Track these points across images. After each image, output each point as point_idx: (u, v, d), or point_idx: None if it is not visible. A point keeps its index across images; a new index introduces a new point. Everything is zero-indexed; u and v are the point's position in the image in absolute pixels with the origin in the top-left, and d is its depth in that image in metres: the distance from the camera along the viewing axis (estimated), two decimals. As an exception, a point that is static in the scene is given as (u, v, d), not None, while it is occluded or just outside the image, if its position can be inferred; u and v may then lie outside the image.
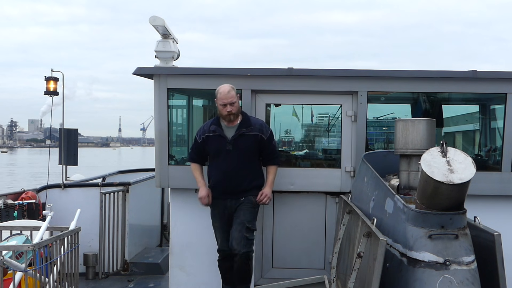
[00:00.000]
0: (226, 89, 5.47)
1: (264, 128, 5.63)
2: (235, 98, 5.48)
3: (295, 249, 6.30)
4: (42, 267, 4.58)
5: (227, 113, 5.46)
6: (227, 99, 5.44)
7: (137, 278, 7.57)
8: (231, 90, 5.48)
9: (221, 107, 5.49)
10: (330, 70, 6.21)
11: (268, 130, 5.68)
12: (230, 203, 5.56)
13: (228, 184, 5.54)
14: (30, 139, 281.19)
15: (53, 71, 8.92)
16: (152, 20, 6.15)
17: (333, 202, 6.25)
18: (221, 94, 5.47)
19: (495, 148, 6.51)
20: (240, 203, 5.54)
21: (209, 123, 5.66)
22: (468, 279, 3.17)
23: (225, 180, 5.55)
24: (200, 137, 5.65)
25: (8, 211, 7.26)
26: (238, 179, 5.53)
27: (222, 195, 5.59)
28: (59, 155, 8.81)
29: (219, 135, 5.55)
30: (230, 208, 5.57)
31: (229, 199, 5.56)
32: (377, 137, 7.55)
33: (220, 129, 5.56)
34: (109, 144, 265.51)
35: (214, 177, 5.63)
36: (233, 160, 5.50)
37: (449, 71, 6.12)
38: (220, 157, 5.55)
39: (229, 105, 5.44)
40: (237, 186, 5.54)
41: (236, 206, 5.55)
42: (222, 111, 5.49)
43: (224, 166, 5.54)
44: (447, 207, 3.27)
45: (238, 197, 5.55)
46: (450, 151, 3.29)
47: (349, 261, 4.21)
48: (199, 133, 5.68)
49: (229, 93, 5.46)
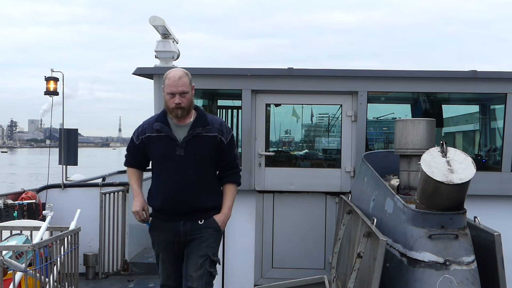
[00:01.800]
0: (177, 74, 4.02)
1: (225, 129, 4.21)
2: (187, 87, 4.03)
3: (295, 249, 6.30)
4: (42, 267, 4.57)
5: (175, 106, 4.01)
6: (177, 87, 3.98)
7: (137, 278, 7.56)
8: (184, 76, 4.04)
9: (167, 97, 4.03)
10: (330, 70, 6.22)
11: (229, 132, 4.25)
12: (184, 228, 4.06)
13: (180, 201, 4.04)
14: (30, 139, 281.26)
15: (53, 71, 8.91)
16: (152, 20, 6.16)
17: (333, 202, 6.25)
18: (169, 80, 4.02)
19: (495, 148, 6.51)
20: (199, 228, 4.08)
21: (153, 120, 4.21)
22: (468, 279, 3.17)
23: (177, 196, 4.04)
24: (138, 138, 4.22)
25: (8, 211, 7.25)
26: (194, 195, 4.05)
27: (172, 217, 4.09)
28: (59, 155, 8.81)
29: (166, 135, 4.09)
30: (184, 233, 4.07)
31: (182, 222, 4.07)
32: (377, 137, 7.55)
33: (168, 127, 4.10)
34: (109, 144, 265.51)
35: (162, 192, 4.10)
36: (187, 169, 4.04)
37: (449, 71, 6.13)
38: (169, 165, 4.08)
39: (179, 96, 3.99)
40: (194, 204, 4.06)
41: (192, 232, 4.07)
42: (168, 103, 4.04)
43: (174, 177, 4.06)
44: (447, 207, 3.27)
45: (195, 219, 4.08)
46: (450, 151, 3.29)
47: (349, 261, 4.21)
48: (137, 132, 4.26)
49: (180, 79, 4.00)
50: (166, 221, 4.11)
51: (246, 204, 6.11)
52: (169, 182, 4.07)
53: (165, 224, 4.12)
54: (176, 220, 4.08)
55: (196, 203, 4.07)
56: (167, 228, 4.11)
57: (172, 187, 4.05)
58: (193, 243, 4.08)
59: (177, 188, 4.05)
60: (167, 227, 4.11)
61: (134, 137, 4.28)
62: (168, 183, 4.07)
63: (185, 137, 4.07)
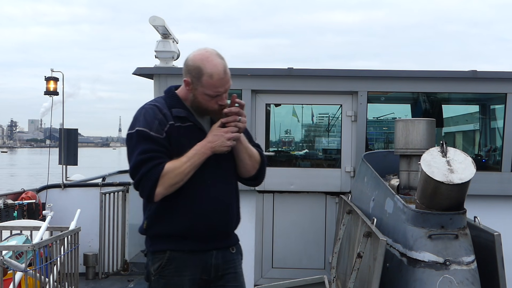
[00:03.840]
0: (220, 66, 2.80)
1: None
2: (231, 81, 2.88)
3: (295, 249, 6.30)
4: (42, 267, 4.57)
5: (219, 108, 2.83)
6: (224, 85, 2.81)
7: (137, 278, 7.56)
8: (226, 65, 2.86)
9: (206, 98, 2.80)
10: (330, 70, 6.22)
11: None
12: (216, 261, 2.84)
13: (222, 220, 2.86)
14: (30, 139, 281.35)
15: (53, 71, 8.92)
16: (152, 20, 6.16)
17: (333, 202, 6.26)
18: (212, 79, 2.76)
19: (495, 148, 6.51)
20: (231, 260, 2.91)
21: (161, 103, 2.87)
22: (468, 279, 3.17)
23: (217, 213, 2.82)
24: (161, 128, 2.75)
25: (8, 211, 7.25)
26: (233, 209, 2.94)
27: (202, 245, 2.81)
28: (59, 155, 8.81)
29: (194, 125, 2.85)
30: (215, 269, 2.85)
31: (214, 253, 2.84)
32: (377, 137, 7.55)
33: (192, 115, 2.87)
34: (109, 144, 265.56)
35: (192, 208, 2.79)
36: (223, 172, 2.90)
37: (449, 71, 6.14)
38: (200, 170, 2.78)
39: (224, 95, 2.85)
40: (233, 223, 2.95)
41: (224, 266, 2.87)
42: (208, 104, 2.82)
43: (211, 183, 2.83)
44: (447, 207, 3.27)
45: (228, 247, 2.92)
46: (450, 151, 3.29)
47: (349, 261, 4.21)
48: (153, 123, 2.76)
49: (226, 73, 2.82)
50: (193, 253, 2.80)
51: (246, 204, 6.08)
52: (204, 192, 2.81)
53: (191, 259, 2.80)
54: (206, 249, 2.83)
55: (235, 221, 2.95)
56: (193, 264, 2.80)
57: (211, 199, 2.81)
58: (223, 282, 2.89)
59: (217, 199, 2.83)
60: (194, 262, 2.81)
61: (151, 132, 2.74)
62: (202, 193, 2.81)
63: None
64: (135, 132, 2.77)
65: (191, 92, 2.86)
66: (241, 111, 2.87)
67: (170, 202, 2.79)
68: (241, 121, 2.86)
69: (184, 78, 2.87)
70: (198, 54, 2.85)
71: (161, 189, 2.71)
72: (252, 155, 2.97)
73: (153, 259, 2.86)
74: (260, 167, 3.03)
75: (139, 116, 2.83)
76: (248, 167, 2.98)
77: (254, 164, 2.99)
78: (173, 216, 2.81)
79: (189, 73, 2.84)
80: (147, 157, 2.71)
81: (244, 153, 2.94)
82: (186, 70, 2.86)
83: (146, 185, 2.71)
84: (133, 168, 2.75)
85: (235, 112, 2.84)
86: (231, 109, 2.84)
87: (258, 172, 3.03)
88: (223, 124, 2.83)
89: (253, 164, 2.98)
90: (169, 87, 2.99)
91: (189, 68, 2.84)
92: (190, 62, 2.84)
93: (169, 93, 2.96)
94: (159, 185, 2.70)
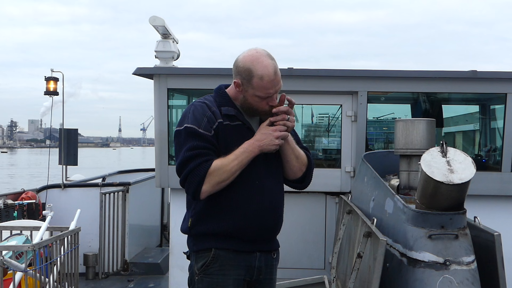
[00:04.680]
0: (270, 67, 2.77)
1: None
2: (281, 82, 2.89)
3: (295, 249, 6.30)
4: (42, 267, 4.57)
5: (269, 109, 2.85)
6: (275, 86, 2.82)
7: (137, 278, 7.57)
8: (277, 65, 2.84)
9: (256, 100, 2.81)
10: (330, 70, 6.22)
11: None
12: (259, 263, 2.87)
13: (265, 221, 2.85)
14: (30, 139, 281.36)
15: (53, 71, 8.93)
16: (152, 20, 6.15)
17: (333, 202, 6.25)
18: (262, 80, 2.75)
19: (495, 148, 6.51)
20: (271, 265, 2.98)
21: (210, 101, 2.87)
22: (468, 279, 3.17)
23: (266, 212, 2.84)
24: (210, 127, 2.76)
25: (8, 211, 7.26)
26: (281, 211, 2.96)
27: (248, 246, 2.82)
28: (59, 155, 8.82)
29: (243, 124, 2.85)
30: (258, 272, 2.88)
31: (258, 254, 2.87)
32: (377, 137, 7.55)
33: (241, 114, 2.88)
34: (109, 144, 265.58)
35: (240, 206, 2.79)
36: (271, 172, 2.89)
37: (449, 71, 6.13)
38: (248, 169, 2.78)
39: (274, 95, 2.87)
40: (276, 225, 2.96)
41: (265, 270, 2.91)
42: (258, 105, 2.83)
43: (260, 183, 2.83)
44: (447, 207, 3.27)
45: (270, 251, 2.98)
46: (450, 151, 3.29)
47: (349, 261, 4.21)
48: (201, 121, 2.76)
49: (276, 74, 2.80)
50: (237, 253, 2.78)
51: None
52: (253, 191, 2.78)
53: (236, 258, 2.78)
54: (250, 251, 2.82)
55: (280, 224, 2.95)
56: (238, 264, 2.78)
57: (259, 203, 2.79)
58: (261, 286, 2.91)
59: (265, 201, 2.81)
60: (238, 261, 2.78)
61: (199, 129, 2.72)
62: (252, 192, 2.78)
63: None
64: (183, 129, 2.74)
65: (241, 94, 2.83)
66: (290, 110, 2.89)
67: (217, 201, 2.76)
68: (290, 120, 2.87)
69: (234, 79, 2.84)
70: (248, 55, 2.81)
71: (208, 187, 2.68)
72: (299, 156, 2.96)
73: (196, 258, 2.82)
74: (307, 169, 3.02)
75: (188, 113, 2.80)
76: (295, 169, 2.97)
77: (301, 166, 2.98)
78: (220, 215, 2.76)
79: (239, 75, 2.81)
80: (195, 154, 2.69)
81: (291, 154, 2.93)
82: (236, 71, 2.83)
83: (192, 181, 2.69)
84: (181, 164, 2.74)
85: (284, 111, 2.85)
86: (279, 108, 2.85)
87: (305, 174, 3.03)
88: (272, 122, 2.83)
89: (300, 166, 2.98)
90: (219, 86, 2.94)
91: (239, 69, 2.81)
92: (240, 63, 2.81)
93: (219, 91, 2.92)
94: (205, 182, 2.67)
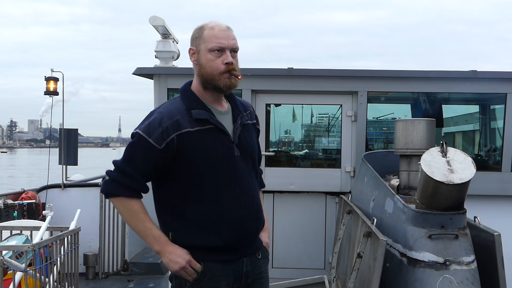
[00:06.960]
0: (223, 24, 2.62)
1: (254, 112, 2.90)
2: (237, 42, 2.63)
3: (295, 249, 6.30)
4: (42, 267, 4.57)
5: (225, 68, 2.55)
6: (227, 38, 2.56)
7: (137, 278, 7.56)
8: (231, 28, 2.65)
9: (210, 56, 2.55)
10: (330, 70, 6.23)
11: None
12: (246, 268, 2.70)
13: (254, 230, 2.73)
14: (30, 139, 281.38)
15: (53, 71, 8.92)
16: (152, 20, 6.16)
17: (333, 202, 6.26)
18: (212, 30, 2.57)
19: (495, 148, 6.51)
20: (258, 265, 2.76)
21: (179, 106, 2.59)
22: (468, 279, 3.17)
23: (250, 223, 2.68)
24: (163, 138, 2.52)
25: (8, 211, 7.25)
26: (260, 215, 2.77)
27: (235, 254, 2.67)
28: (59, 155, 8.81)
29: (215, 128, 2.59)
30: (246, 276, 2.70)
31: (245, 260, 2.70)
32: (377, 137, 7.55)
33: (213, 116, 2.60)
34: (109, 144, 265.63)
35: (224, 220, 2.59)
36: (249, 179, 2.71)
37: (449, 71, 6.15)
38: (227, 175, 2.59)
39: (231, 52, 2.58)
40: (260, 225, 2.79)
41: (253, 272, 2.72)
42: (214, 67, 2.55)
43: (240, 192, 2.62)
44: (447, 207, 3.27)
45: (254, 253, 2.75)
46: (450, 151, 3.29)
47: (349, 261, 4.21)
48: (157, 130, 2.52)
49: (229, 30, 2.61)
50: (226, 263, 2.64)
51: None
52: (235, 202, 2.61)
53: (225, 268, 2.64)
54: (238, 258, 2.67)
55: (259, 225, 2.78)
56: (227, 274, 2.65)
57: (242, 210, 2.62)
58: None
59: (246, 210, 2.64)
60: (228, 271, 2.65)
61: (150, 138, 2.52)
62: (234, 204, 2.60)
63: (236, 128, 2.65)
64: (136, 133, 2.59)
65: (197, 63, 2.61)
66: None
67: (201, 214, 2.59)
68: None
69: (189, 52, 2.65)
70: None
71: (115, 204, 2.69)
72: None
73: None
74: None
75: (146, 119, 2.64)
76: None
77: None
78: (206, 230, 2.59)
79: (192, 41, 2.64)
80: (130, 174, 2.59)
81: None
82: (190, 42, 2.66)
83: (110, 191, 2.63)
84: (118, 168, 2.63)
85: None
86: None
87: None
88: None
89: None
90: (184, 85, 2.70)
91: (192, 36, 2.67)
92: (193, 31, 2.69)
93: (185, 92, 2.67)
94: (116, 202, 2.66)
